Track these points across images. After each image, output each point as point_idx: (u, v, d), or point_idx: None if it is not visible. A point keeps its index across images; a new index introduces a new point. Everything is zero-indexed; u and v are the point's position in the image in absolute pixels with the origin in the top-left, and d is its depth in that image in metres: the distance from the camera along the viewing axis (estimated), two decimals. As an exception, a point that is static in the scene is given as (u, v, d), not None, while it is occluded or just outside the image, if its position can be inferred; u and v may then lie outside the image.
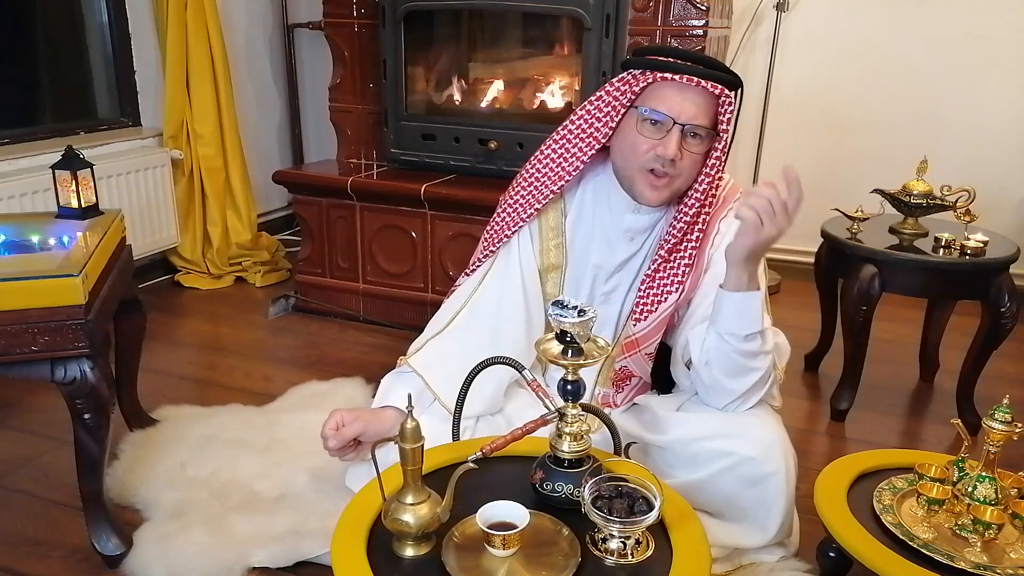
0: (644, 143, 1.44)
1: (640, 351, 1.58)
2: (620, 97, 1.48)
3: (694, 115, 1.42)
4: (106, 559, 1.55)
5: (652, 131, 1.44)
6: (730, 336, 1.38)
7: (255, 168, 3.35)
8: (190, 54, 2.96)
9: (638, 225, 1.57)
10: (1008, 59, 3.01)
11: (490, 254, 1.64)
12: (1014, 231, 2.92)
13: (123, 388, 1.95)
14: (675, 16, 2.47)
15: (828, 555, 1.47)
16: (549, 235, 1.63)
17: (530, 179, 1.61)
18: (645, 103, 1.44)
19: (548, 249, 1.63)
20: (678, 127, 1.41)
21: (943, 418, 2.24)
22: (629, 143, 1.47)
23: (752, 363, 1.41)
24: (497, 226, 1.65)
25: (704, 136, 1.45)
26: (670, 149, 1.41)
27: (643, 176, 1.47)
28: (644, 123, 1.44)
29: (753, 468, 1.41)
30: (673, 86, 1.42)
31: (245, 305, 3.02)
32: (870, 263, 2.09)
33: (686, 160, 1.44)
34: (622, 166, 1.51)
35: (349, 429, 1.49)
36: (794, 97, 3.26)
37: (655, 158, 1.43)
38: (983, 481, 1.29)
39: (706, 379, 1.46)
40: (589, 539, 1.15)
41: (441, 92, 2.93)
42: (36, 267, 1.47)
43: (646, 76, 1.44)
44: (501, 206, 1.66)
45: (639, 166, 1.46)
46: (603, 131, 1.51)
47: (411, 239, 2.72)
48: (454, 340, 1.60)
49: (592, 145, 1.53)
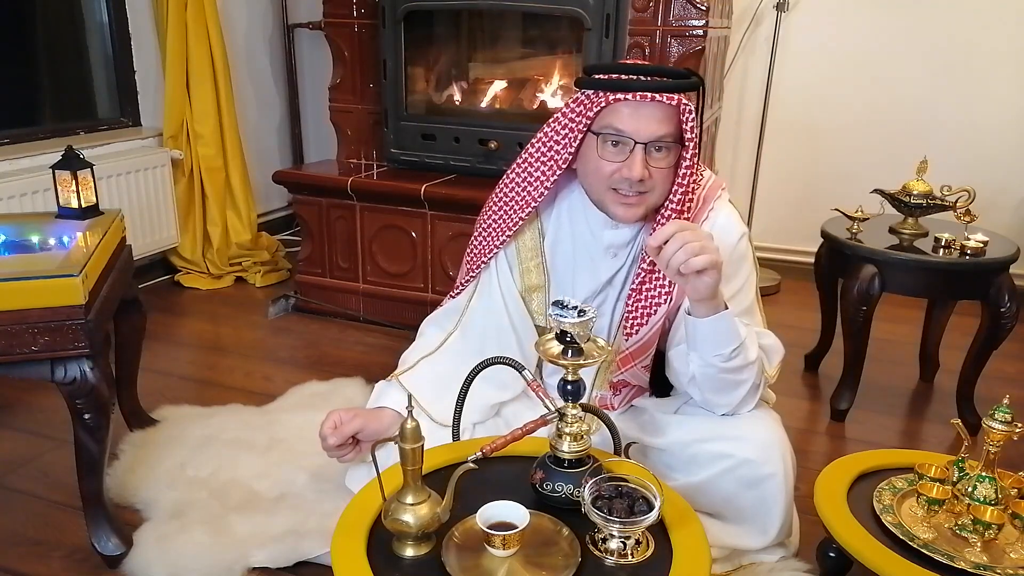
0: (608, 166, 1.40)
1: (636, 364, 1.55)
2: (577, 119, 1.43)
3: (654, 131, 1.36)
4: (106, 559, 1.55)
5: (614, 153, 1.39)
6: (713, 358, 1.37)
7: (255, 168, 3.35)
8: (190, 54, 2.96)
9: (619, 240, 1.53)
10: (1008, 59, 3.01)
11: (471, 279, 1.64)
12: (1014, 231, 2.92)
13: (123, 388, 1.95)
14: (675, 16, 2.47)
15: (828, 555, 1.47)
16: (527, 255, 1.60)
17: (500, 204, 1.58)
18: (602, 125, 1.39)
19: (528, 270, 1.60)
20: (640, 146, 1.36)
21: (943, 418, 2.24)
22: (592, 167, 1.43)
23: (738, 377, 1.40)
24: (475, 251, 1.63)
25: (670, 147, 1.39)
26: (635, 171, 1.36)
27: (612, 195, 1.43)
28: (605, 145, 1.39)
29: (752, 470, 1.41)
30: (628, 105, 1.36)
31: (245, 305, 3.02)
32: (870, 263, 2.09)
33: (655, 176, 1.39)
34: (590, 188, 1.48)
35: (348, 426, 1.49)
36: (794, 97, 3.26)
37: (622, 180, 1.39)
38: (983, 481, 1.29)
39: (697, 397, 1.47)
40: (589, 539, 1.15)
41: (441, 92, 2.93)
42: (36, 267, 1.47)
43: (599, 96, 1.38)
44: (477, 230, 1.63)
45: (606, 188, 1.42)
46: (563, 155, 1.47)
47: (411, 239, 2.72)
48: (446, 361, 1.60)
49: (554, 170, 1.49)
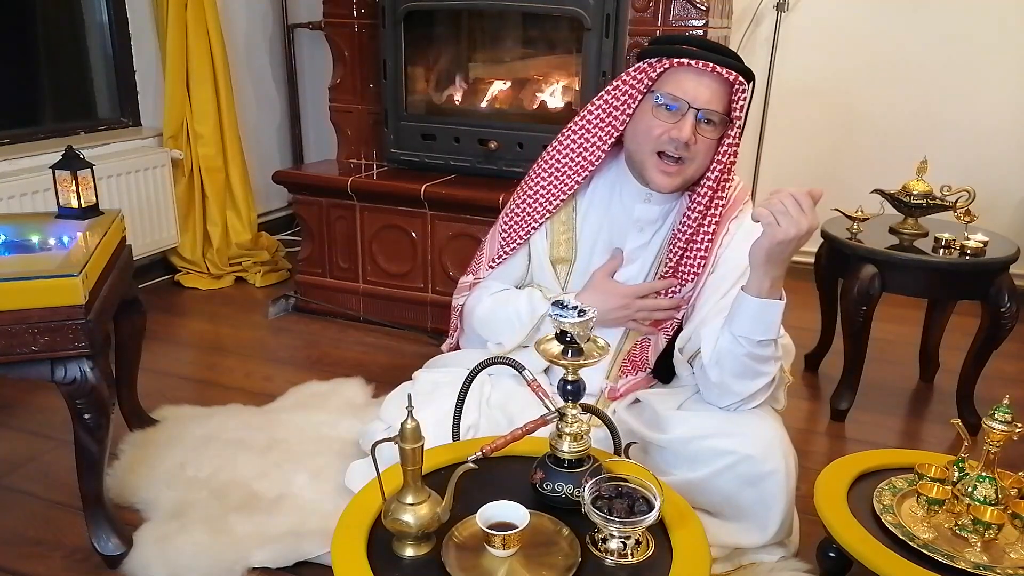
0: (659, 127, 1.46)
1: (662, 328, 1.62)
2: (637, 85, 1.50)
3: (708, 100, 1.44)
4: (106, 559, 1.55)
5: (667, 116, 1.46)
6: (744, 340, 1.38)
7: (255, 168, 3.35)
8: (190, 54, 2.96)
9: (648, 216, 1.59)
10: (1008, 59, 3.01)
11: (517, 247, 1.66)
12: (1014, 231, 2.92)
13: (123, 388, 1.95)
14: (675, 16, 2.47)
15: (828, 555, 1.47)
16: (559, 228, 1.65)
17: (550, 172, 1.62)
18: (661, 88, 1.47)
19: (558, 243, 1.66)
20: (693, 111, 1.44)
21: (943, 418, 2.24)
22: (643, 127, 1.49)
23: (762, 367, 1.41)
24: (518, 218, 1.65)
25: (718, 122, 1.47)
26: (684, 132, 1.43)
27: (655, 161, 1.49)
28: (659, 108, 1.46)
29: (753, 467, 1.41)
30: (689, 71, 1.44)
31: (245, 305, 3.02)
32: (870, 263, 2.09)
33: (700, 145, 1.46)
34: (635, 150, 1.53)
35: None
36: (794, 97, 3.26)
37: (669, 141, 1.46)
38: (983, 481, 1.29)
39: (714, 378, 1.46)
40: (589, 539, 1.15)
41: (441, 92, 2.93)
42: (36, 267, 1.47)
43: (662, 63, 1.46)
44: (516, 202, 1.66)
45: (652, 149, 1.48)
46: (620, 119, 1.53)
47: (411, 239, 2.72)
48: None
49: (611, 133, 1.55)
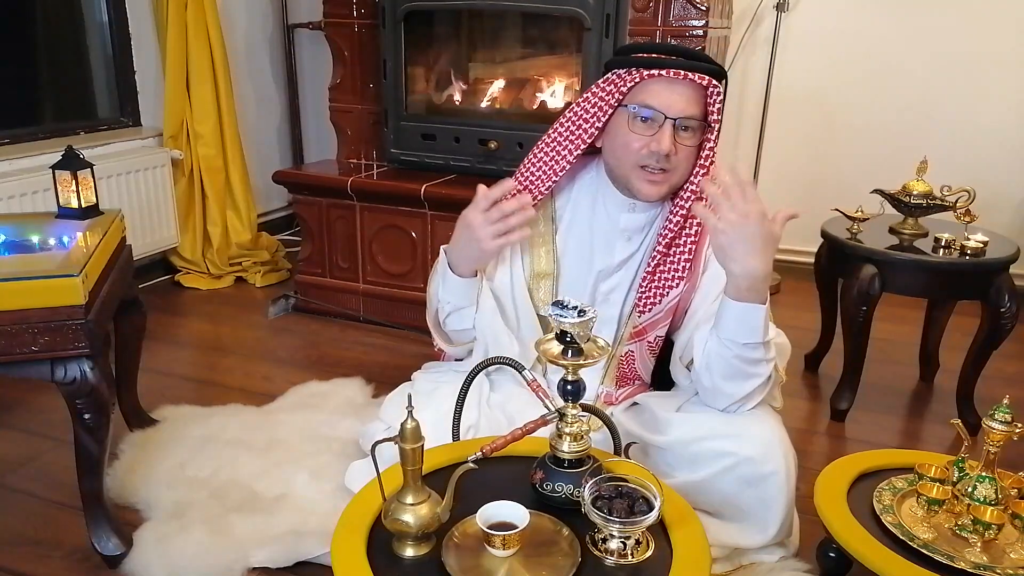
0: (637, 140, 1.45)
1: (645, 339, 1.59)
2: (607, 97, 1.48)
3: (683, 108, 1.43)
4: (106, 559, 1.55)
5: (644, 128, 1.44)
6: (730, 343, 1.38)
7: (255, 168, 3.35)
8: (190, 54, 2.96)
9: (634, 224, 1.58)
10: (1008, 59, 3.01)
11: None
12: (1014, 231, 2.92)
13: (123, 388, 1.95)
14: (675, 16, 2.47)
15: (828, 555, 1.47)
16: (537, 242, 1.63)
17: (524, 185, 1.59)
18: (634, 100, 1.45)
19: (538, 256, 1.63)
20: (670, 122, 1.42)
21: (943, 418, 2.24)
22: (621, 142, 1.47)
23: (752, 369, 1.41)
24: None
25: (696, 128, 1.45)
26: (664, 144, 1.42)
27: (639, 172, 1.47)
28: (635, 120, 1.45)
29: (753, 468, 1.41)
30: (661, 81, 1.43)
31: (245, 305, 3.02)
32: (870, 263, 2.09)
33: (681, 154, 1.45)
34: (616, 165, 1.51)
35: (494, 190, 1.47)
36: (794, 97, 3.26)
37: (649, 155, 1.44)
38: (983, 481, 1.29)
39: (706, 382, 1.46)
40: (589, 539, 1.15)
41: (441, 92, 2.93)
42: (36, 267, 1.47)
43: (632, 75, 1.45)
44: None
45: (633, 163, 1.47)
46: (589, 131, 1.51)
47: (411, 239, 2.72)
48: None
49: (578, 145, 1.53)
